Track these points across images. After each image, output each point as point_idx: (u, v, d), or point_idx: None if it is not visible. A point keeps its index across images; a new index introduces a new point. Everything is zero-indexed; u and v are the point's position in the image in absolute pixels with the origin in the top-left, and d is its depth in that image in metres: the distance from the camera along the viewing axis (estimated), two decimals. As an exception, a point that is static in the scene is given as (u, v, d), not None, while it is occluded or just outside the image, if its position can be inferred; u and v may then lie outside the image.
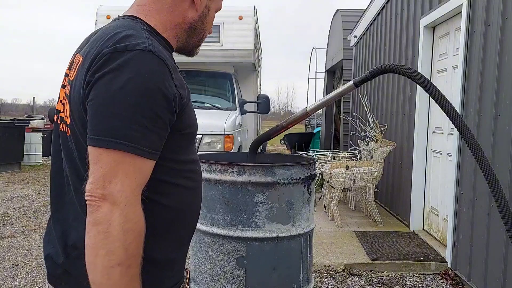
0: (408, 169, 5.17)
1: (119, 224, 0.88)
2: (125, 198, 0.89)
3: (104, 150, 0.90)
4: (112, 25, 1.03)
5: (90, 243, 0.90)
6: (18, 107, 65.82)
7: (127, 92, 0.90)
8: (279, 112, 69.75)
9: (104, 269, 0.88)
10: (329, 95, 2.08)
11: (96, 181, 0.90)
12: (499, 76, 3.18)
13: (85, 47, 1.05)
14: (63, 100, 1.08)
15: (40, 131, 12.64)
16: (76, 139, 1.01)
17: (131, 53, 0.92)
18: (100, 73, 0.92)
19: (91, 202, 0.89)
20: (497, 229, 3.12)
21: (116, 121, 0.90)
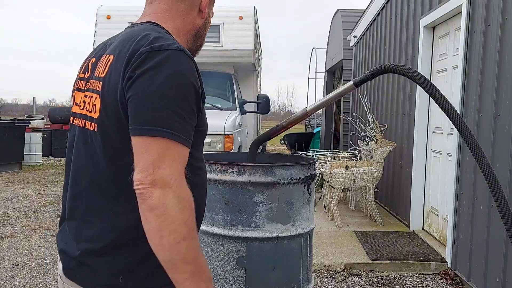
0: (408, 169, 5.17)
1: (174, 204, 0.97)
2: (175, 181, 0.98)
3: (152, 139, 0.98)
4: (136, 29, 1.14)
5: (152, 227, 0.97)
6: (18, 107, 65.80)
7: (167, 88, 1.00)
8: (279, 112, 69.73)
9: (172, 247, 0.97)
10: (329, 95, 2.08)
11: (145, 169, 0.97)
12: (499, 76, 3.18)
13: (111, 48, 1.14)
14: (86, 99, 1.15)
15: (40, 131, 12.65)
16: (104, 132, 1.08)
17: (166, 52, 1.03)
18: (140, 70, 1.01)
19: (143, 191, 0.96)
20: (497, 229, 3.12)
21: (160, 113, 0.99)
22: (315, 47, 15.04)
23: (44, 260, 4.26)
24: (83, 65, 1.23)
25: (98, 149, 1.09)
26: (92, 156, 1.11)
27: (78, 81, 1.22)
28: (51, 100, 75.82)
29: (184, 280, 1.00)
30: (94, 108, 1.10)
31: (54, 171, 10.55)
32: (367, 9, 7.43)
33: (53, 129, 14.47)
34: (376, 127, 5.31)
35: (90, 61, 1.20)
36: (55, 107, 21.58)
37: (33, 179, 9.24)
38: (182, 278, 1.00)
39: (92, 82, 1.13)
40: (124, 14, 6.76)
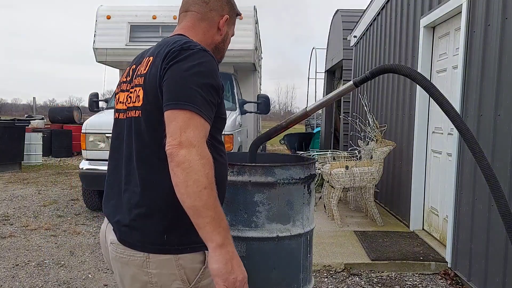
0: (408, 169, 5.17)
1: (197, 160, 1.17)
2: (198, 141, 1.19)
3: (180, 111, 1.21)
4: (169, 38, 1.42)
5: (179, 180, 1.17)
6: (18, 107, 65.81)
7: (192, 73, 1.26)
8: (279, 112, 69.75)
9: (195, 194, 1.16)
10: (329, 95, 2.08)
11: (173, 133, 1.19)
12: (499, 76, 3.18)
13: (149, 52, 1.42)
14: (131, 94, 1.41)
15: (40, 131, 12.64)
16: (147, 115, 1.32)
17: (193, 50, 1.30)
18: (172, 62, 1.28)
19: (172, 150, 1.18)
20: (497, 229, 3.12)
21: (186, 91, 1.24)
22: (315, 47, 15.05)
23: (44, 260, 4.26)
24: (125, 72, 1.53)
25: (143, 130, 1.32)
26: (138, 137, 1.34)
27: (122, 84, 1.50)
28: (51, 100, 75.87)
29: (205, 224, 1.18)
30: (138, 98, 1.35)
31: (54, 171, 10.55)
32: (367, 9, 7.43)
33: (53, 129, 14.46)
34: (376, 127, 5.31)
35: (131, 68, 1.49)
36: (55, 107, 21.58)
37: (33, 179, 9.24)
38: (203, 223, 1.18)
39: (136, 80, 1.39)
40: (124, 14, 6.77)
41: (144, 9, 6.84)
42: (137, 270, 1.31)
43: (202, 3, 1.50)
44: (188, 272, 1.31)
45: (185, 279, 1.31)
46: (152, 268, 1.30)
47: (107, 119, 6.06)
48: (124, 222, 1.35)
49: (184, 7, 1.53)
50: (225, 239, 1.20)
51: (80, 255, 4.44)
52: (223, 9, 1.53)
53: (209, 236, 1.19)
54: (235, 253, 1.23)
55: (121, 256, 1.34)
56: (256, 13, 7.31)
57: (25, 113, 29.67)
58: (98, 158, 5.70)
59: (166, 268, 1.30)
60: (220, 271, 1.19)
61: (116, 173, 1.44)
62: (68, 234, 5.14)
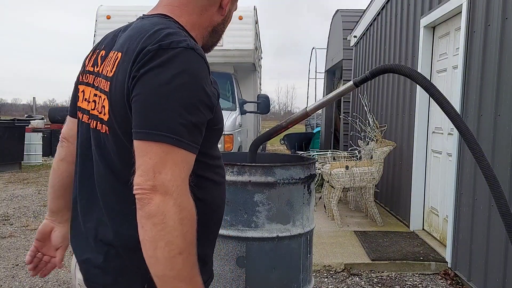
0: (408, 169, 5.17)
1: (174, 213, 0.89)
2: (177, 187, 0.91)
3: (153, 143, 0.91)
4: (146, 23, 1.05)
5: (147, 237, 0.90)
6: (18, 107, 65.82)
7: (172, 88, 0.92)
8: (279, 112, 69.78)
9: (166, 260, 0.89)
10: (329, 95, 2.08)
11: (145, 173, 0.90)
12: (499, 76, 3.18)
13: (119, 43, 1.06)
14: (96, 98, 1.08)
15: (40, 131, 12.64)
16: (115, 135, 1.02)
17: (175, 50, 0.95)
18: (144, 69, 0.94)
19: (142, 196, 0.90)
20: (497, 229, 3.12)
21: (163, 115, 0.92)
22: (315, 47, 15.04)
23: (44, 260, 4.26)
24: (92, 57, 1.15)
25: (112, 151, 1.03)
26: (106, 159, 1.05)
27: (88, 74, 1.14)
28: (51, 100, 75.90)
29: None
30: (104, 110, 1.04)
31: (54, 171, 10.54)
32: (367, 9, 7.43)
33: (53, 129, 14.45)
34: (376, 127, 5.31)
35: (100, 54, 1.12)
36: (55, 107, 21.58)
37: (33, 179, 9.24)
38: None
39: (100, 80, 1.07)
40: (124, 14, 6.76)
41: (144, 9, 6.78)
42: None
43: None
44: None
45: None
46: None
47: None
48: (95, 263, 1.07)
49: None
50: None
51: (80, 255, 4.43)
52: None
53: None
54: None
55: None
56: (256, 13, 7.32)
57: (25, 113, 29.67)
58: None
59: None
60: None
61: (82, 197, 1.14)
62: (68, 234, 5.14)
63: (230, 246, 2.22)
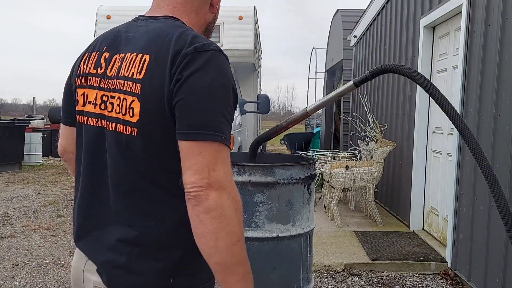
0: (408, 169, 5.17)
1: (230, 206, 0.98)
2: (229, 182, 0.99)
3: (207, 143, 0.98)
4: (162, 25, 1.10)
5: (208, 230, 0.96)
6: (18, 107, 65.84)
7: (214, 90, 1.00)
8: (279, 112, 69.78)
9: (227, 249, 0.97)
10: (329, 95, 2.08)
11: (200, 171, 0.96)
12: (499, 76, 3.18)
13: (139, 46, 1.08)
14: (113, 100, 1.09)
15: (40, 131, 12.64)
16: (147, 136, 1.04)
17: (208, 53, 1.02)
18: (188, 72, 1.00)
19: (199, 193, 0.96)
20: (497, 229, 3.12)
21: (211, 116, 0.99)
22: (315, 47, 15.05)
23: (44, 260, 4.26)
24: (89, 59, 1.16)
25: (140, 153, 1.05)
26: (131, 161, 1.06)
27: (89, 77, 1.14)
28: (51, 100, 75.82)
29: (235, 282, 1.00)
30: (131, 111, 1.04)
31: (54, 171, 10.55)
32: (367, 9, 7.43)
33: (53, 129, 14.44)
34: (376, 127, 5.31)
35: (102, 55, 1.13)
36: (55, 107, 21.55)
37: (33, 179, 9.24)
38: (234, 281, 1.00)
39: (121, 82, 1.07)
40: (124, 14, 6.76)
41: (144, 9, 6.81)
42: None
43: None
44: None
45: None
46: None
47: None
48: (117, 263, 1.08)
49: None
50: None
51: (80, 255, 4.43)
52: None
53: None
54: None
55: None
56: (256, 13, 7.32)
57: (25, 113, 29.66)
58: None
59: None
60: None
61: (92, 195, 1.16)
62: (68, 234, 5.14)
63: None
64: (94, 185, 1.15)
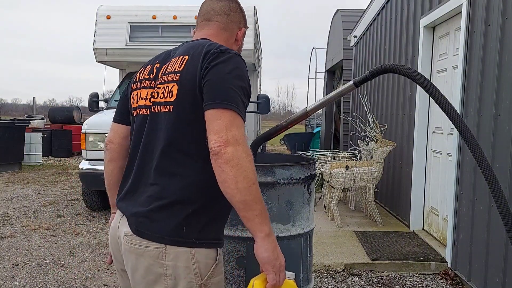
0: (408, 169, 5.17)
1: (245, 157, 1.25)
2: (243, 140, 1.27)
3: (225, 110, 1.28)
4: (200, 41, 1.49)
5: (228, 176, 1.23)
6: (18, 107, 65.81)
7: (233, 76, 1.34)
8: (279, 112, 69.75)
9: (246, 189, 1.24)
10: (329, 95, 2.08)
11: (219, 131, 1.25)
12: (499, 76, 3.18)
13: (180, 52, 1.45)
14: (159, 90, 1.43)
15: (40, 131, 12.64)
16: (180, 111, 1.36)
17: (230, 54, 1.38)
18: (214, 63, 1.34)
19: (219, 148, 1.23)
20: (497, 229, 3.12)
21: (230, 92, 1.31)
22: (315, 47, 15.04)
23: (44, 260, 4.26)
24: (144, 71, 1.55)
25: (173, 125, 1.36)
26: (165, 132, 1.37)
27: (144, 81, 1.51)
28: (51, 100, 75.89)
29: (255, 216, 1.26)
30: (171, 94, 1.38)
31: (54, 171, 10.55)
32: (367, 9, 7.43)
33: (53, 129, 14.46)
34: (376, 127, 5.31)
35: (154, 66, 1.51)
36: (55, 107, 21.57)
37: (33, 179, 9.24)
38: (253, 215, 1.26)
39: (167, 76, 1.42)
40: (124, 14, 6.77)
41: (144, 9, 6.84)
42: (152, 261, 1.33)
43: (224, 14, 1.60)
44: (202, 267, 1.35)
45: (198, 274, 1.34)
46: (168, 259, 1.32)
47: (107, 119, 6.05)
48: (143, 214, 1.36)
49: (205, 17, 1.61)
50: (270, 229, 1.31)
51: (80, 255, 4.44)
52: (241, 22, 1.65)
53: (258, 227, 1.28)
54: (276, 241, 1.33)
55: (136, 248, 1.36)
56: (256, 13, 7.31)
57: (25, 113, 29.66)
58: (98, 158, 5.70)
59: (181, 260, 1.32)
60: (269, 259, 1.29)
61: (132, 169, 1.48)
62: (68, 234, 5.15)
63: (230, 246, 2.22)
64: (132, 157, 1.49)
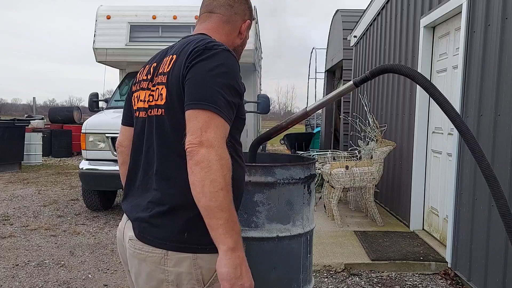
0: (408, 169, 5.17)
1: (216, 160, 1.17)
2: (218, 142, 1.20)
3: (201, 111, 1.22)
4: (192, 37, 1.43)
5: (196, 178, 1.18)
6: (18, 107, 65.77)
7: (215, 74, 1.26)
8: (279, 112, 69.66)
9: (211, 194, 1.16)
10: (329, 95, 2.08)
11: (194, 132, 1.20)
12: (499, 76, 3.18)
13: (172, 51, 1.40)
14: (153, 93, 1.40)
15: (40, 131, 12.64)
16: (170, 114, 1.33)
17: (216, 50, 1.30)
18: (195, 61, 1.28)
19: (192, 149, 1.18)
20: (497, 229, 3.12)
21: (208, 91, 1.24)
22: (315, 47, 15.05)
23: (44, 260, 4.26)
24: (143, 71, 1.51)
25: (166, 129, 1.33)
26: (160, 136, 1.35)
27: (142, 82, 1.48)
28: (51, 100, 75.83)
29: (218, 226, 1.17)
30: (161, 96, 1.35)
31: (54, 171, 10.55)
32: (367, 9, 7.43)
33: (53, 129, 14.46)
34: (376, 127, 5.31)
35: (151, 66, 1.47)
36: (55, 107, 21.57)
37: (33, 179, 9.24)
38: (217, 224, 1.17)
39: (158, 78, 1.38)
40: (124, 14, 6.77)
41: (144, 9, 6.84)
42: (154, 267, 1.31)
43: (227, 6, 1.53)
44: (204, 273, 1.30)
45: (200, 280, 1.30)
46: (170, 265, 1.30)
47: (107, 119, 6.06)
48: (144, 219, 1.35)
49: (208, 8, 1.55)
50: (236, 243, 1.19)
51: (80, 255, 4.44)
52: (245, 14, 1.58)
53: (221, 239, 1.18)
54: (244, 258, 1.22)
55: (139, 253, 1.34)
56: (256, 13, 7.31)
57: (25, 113, 29.65)
58: (98, 158, 5.70)
59: (183, 266, 1.29)
60: (228, 275, 1.18)
61: (136, 171, 1.46)
62: (68, 234, 5.15)
63: (230, 246, 2.22)
64: (135, 161, 1.48)
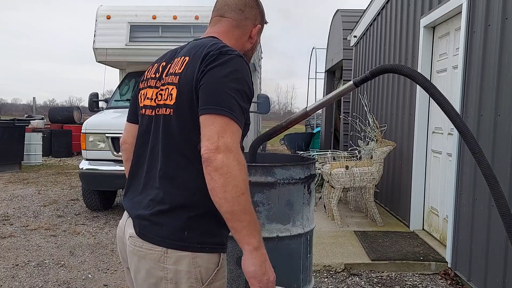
0: (408, 169, 5.17)
1: (235, 165, 1.20)
2: (235, 148, 1.22)
3: (218, 116, 1.23)
4: (204, 40, 1.45)
5: (217, 184, 1.19)
6: (18, 107, 65.76)
7: (229, 80, 1.28)
8: (279, 112, 69.62)
9: (234, 199, 1.19)
10: (329, 95, 2.08)
11: (211, 137, 1.21)
12: (499, 76, 3.18)
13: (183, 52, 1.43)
14: (162, 92, 1.41)
15: (40, 131, 12.64)
16: (179, 115, 1.34)
17: (231, 55, 1.33)
18: (211, 66, 1.30)
19: (209, 155, 1.19)
20: (497, 229, 3.12)
21: (224, 97, 1.26)
22: (315, 47, 15.05)
23: (44, 260, 4.26)
24: (151, 69, 1.53)
25: (173, 129, 1.34)
26: (166, 135, 1.36)
27: (149, 80, 1.50)
28: (51, 100, 75.81)
29: (242, 228, 1.22)
30: (171, 96, 1.36)
31: (54, 171, 10.54)
32: (367, 9, 7.43)
33: (53, 129, 14.46)
34: (376, 127, 5.31)
35: (161, 64, 1.48)
36: (55, 107, 21.56)
37: (33, 179, 9.24)
38: (241, 226, 1.22)
39: (168, 78, 1.40)
40: (124, 14, 6.77)
41: (144, 9, 6.84)
42: (154, 264, 1.33)
43: (238, 10, 1.54)
44: (203, 272, 1.33)
45: (199, 278, 1.32)
46: (169, 263, 1.31)
47: (107, 119, 6.06)
48: (145, 217, 1.36)
49: (219, 12, 1.56)
50: (259, 242, 1.26)
51: (80, 255, 4.44)
52: (256, 19, 1.58)
53: (245, 240, 1.23)
54: (266, 255, 1.29)
55: (139, 250, 1.35)
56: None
57: (25, 113, 29.65)
58: (98, 158, 5.70)
59: (182, 264, 1.31)
60: (256, 273, 1.26)
61: (139, 168, 1.48)
62: (68, 234, 5.15)
63: (230, 246, 2.21)
64: (138, 158, 1.49)
